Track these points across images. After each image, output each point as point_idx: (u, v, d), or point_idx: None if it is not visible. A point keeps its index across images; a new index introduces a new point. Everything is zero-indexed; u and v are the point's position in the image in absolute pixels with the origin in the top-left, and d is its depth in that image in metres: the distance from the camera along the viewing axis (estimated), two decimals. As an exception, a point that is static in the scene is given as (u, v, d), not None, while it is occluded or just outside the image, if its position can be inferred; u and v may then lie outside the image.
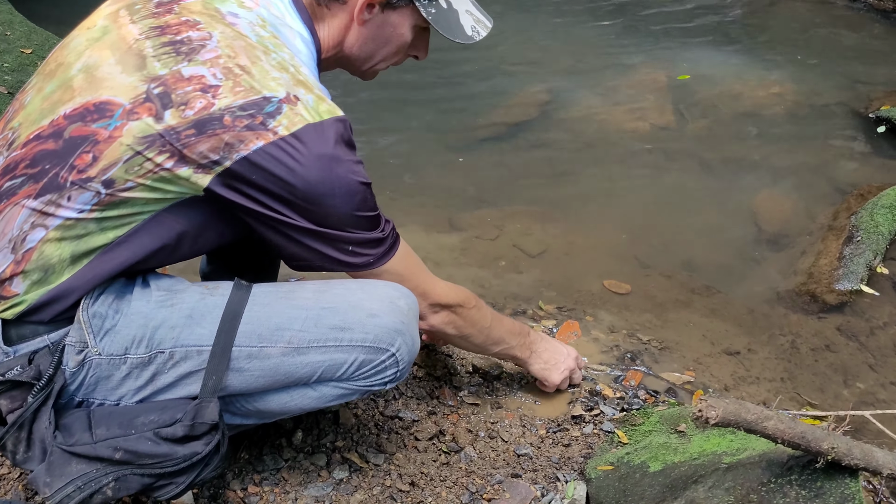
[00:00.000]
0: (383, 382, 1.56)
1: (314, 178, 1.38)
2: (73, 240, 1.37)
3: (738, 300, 2.63)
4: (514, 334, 1.95)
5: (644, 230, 3.01)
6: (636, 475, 1.69)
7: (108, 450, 1.37)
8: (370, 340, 1.50)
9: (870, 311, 2.57)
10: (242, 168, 1.35)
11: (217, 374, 1.44)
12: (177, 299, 1.46)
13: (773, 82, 4.10)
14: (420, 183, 3.28)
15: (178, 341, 1.43)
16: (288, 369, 1.49)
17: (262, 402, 1.56)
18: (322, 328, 1.49)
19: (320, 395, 1.56)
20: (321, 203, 1.40)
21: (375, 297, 1.54)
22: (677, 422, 1.86)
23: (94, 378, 1.42)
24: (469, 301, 1.79)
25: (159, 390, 1.46)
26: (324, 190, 1.39)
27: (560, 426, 2.04)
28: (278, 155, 1.35)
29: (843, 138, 3.61)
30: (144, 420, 1.41)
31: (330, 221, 1.43)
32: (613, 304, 2.58)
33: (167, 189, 1.37)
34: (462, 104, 3.95)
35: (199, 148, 1.33)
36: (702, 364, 2.33)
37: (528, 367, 2.03)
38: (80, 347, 1.39)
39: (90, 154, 1.36)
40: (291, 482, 1.80)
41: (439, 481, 1.85)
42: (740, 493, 1.47)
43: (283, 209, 1.39)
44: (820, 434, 1.38)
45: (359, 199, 1.44)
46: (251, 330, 1.46)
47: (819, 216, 3.05)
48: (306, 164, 1.36)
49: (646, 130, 3.71)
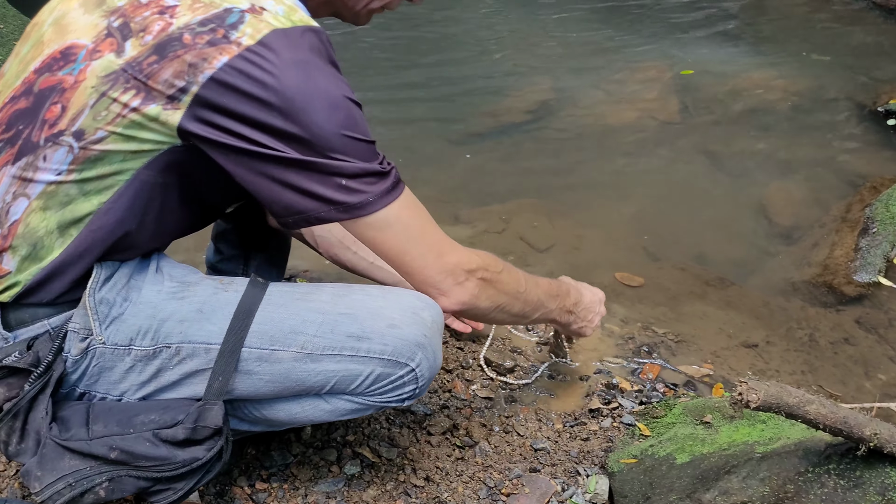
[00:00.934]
0: (401, 399, 1.45)
1: (289, 87, 1.21)
2: (58, 208, 1.28)
3: (753, 292, 2.57)
4: (552, 297, 1.69)
5: (653, 223, 2.95)
6: (662, 467, 1.62)
7: (103, 448, 1.29)
8: (388, 353, 1.39)
9: (888, 303, 2.51)
10: (211, 92, 1.21)
11: (224, 376, 1.35)
12: (189, 292, 1.38)
13: (779, 77, 4.05)
14: (424, 178, 3.21)
15: (185, 336, 1.34)
16: (299, 376, 1.39)
17: (271, 410, 1.47)
18: (338, 335, 1.38)
19: (333, 408, 1.45)
20: (301, 118, 1.23)
21: (397, 306, 1.41)
22: (702, 413, 1.80)
23: (97, 368, 1.33)
24: (495, 263, 1.51)
25: (163, 388, 1.38)
26: (302, 100, 1.22)
27: (577, 420, 1.97)
28: (246, 68, 1.21)
29: (852, 132, 3.56)
30: (144, 419, 1.32)
31: (315, 145, 1.25)
32: (626, 296, 2.52)
33: (142, 137, 1.25)
34: (465, 100, 3.89)
35: (162, 75, 1.21)
36: (720, 357, 2.27)
37: (566, 329, 1.86)
38: (85, 335, 1.31)
39: (58, 104, 1.27)
40: (301, 478, 1.73)
41: (455, 476, 1.77)
42: (776, 483, 1.41)
43: (263, 138, 1.23)
44: (862, 420, 1.31)
45: (343, 114, 1.26)
46: (263, 330, 1.36)
47: (831, 208, 2.99)
48: (278, 74, 1.21)
49: (651, 124, 3.66)
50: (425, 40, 4.48)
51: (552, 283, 1.72)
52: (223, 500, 1.66)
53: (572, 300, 1.77)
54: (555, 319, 1.75)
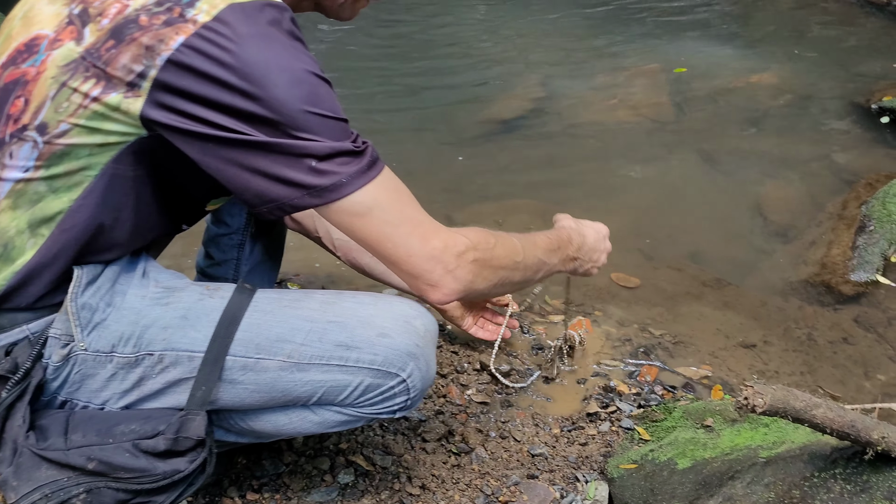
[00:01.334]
0: (391, 411, 1.40)
1: (246, 62, 1.14)
2: (28, 206, 1.23)
3: (750, 292, 2.54)
4: (552, 252, 1.56)
5: (648, 223, 2.92)
6: (664, 473, 1.59)
7: (80, 458, 1.24)
8: (378, 363, 1.34)
9: (886, 301, 2.48)
10: (169, 75, 1.15)
11: (207, 385, 1.30)
12: (173, 298, 1.33)
13: (771, 75, 4.03)
14: (416, 179, 3.11)
15: (168, 344, 1.30)
16: (285, 386, 1.34)
17: (258, 422, 1.42)
18: (326, 344, 1.33)
19: (321, 419, 1.40)
20: (260, 95, 1.15)
21: (389, 315, 1.37)
22: (703, 416, 1.76)
23: (79, 375, 1.29)
24: (486, 239, 1.37)
25: (146, 397, 1.33)
26: (260, 75, 1.14)
27: (575, 424, 1.93)
28: (203, 47, 1.15)
29: (846, 129, 3.55)
30: (125, 429, 1.27)
31: (279, 124, 1.17)
32: (622, 298, 2.48)
33: (106, 129, 1.20)
34: (457, 102, 3.86)
35: (121, 60, 1.16)
36: (718, 358, 2.23)
37: (574, 275, 1.76)
38: (66, 341, 1.26)
39: (21, 98, 1.22)
40: (293, 488, 1.68)
41: (451, 484, 1.73)
42: (781, 488, 1.37)
43: (225, 120, 1.16)
44: (870, 423, 1.28)
45: (306, 89, 1.18)
46: (249, 338, 1.31)
47: (827, 206, 2.97)
48: (235, 50, 1.15)
49: (644, 123, 3.63)
50: (416, 43, 4.44)
51: (550, 236, 1.60)
52: (213, 512, 1.62)
53: (575, 246, 1.66)
54: (559, 272, 1.64)
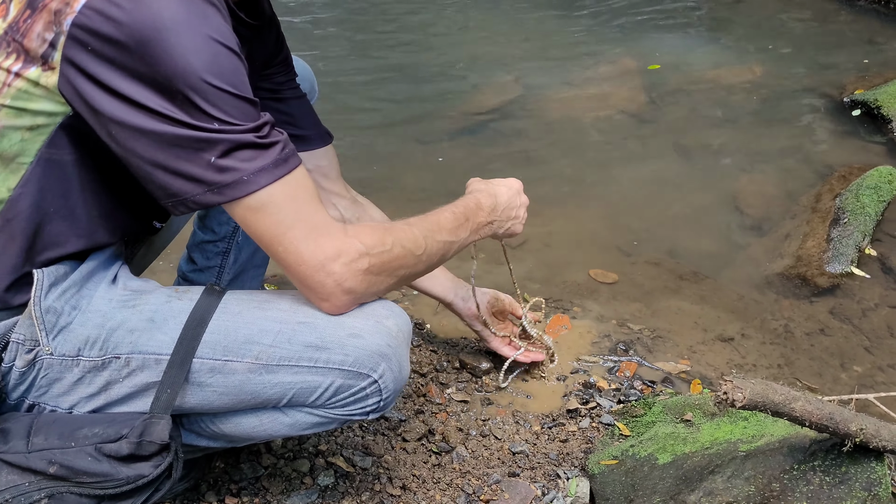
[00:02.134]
0: (364, 412, 1.37)
1: (142, 20, 1.10)
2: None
3: (727, 286, 2.55)
4: (459, 227, 1.50)
5: (624, 218, 2.92)
6: (644, 468, 1.59)
7: (41, 462, 1.21)
8: (349, 363, 1.31)
9: (861, 293, 2.50)
10: (74, 42, 1.12)
11: (172, 388, 1.27)
12: (140, 300, 1.31)
13: (745, 70, 4.05)
14: (391, 177, 3.16)
15: (135, 347, 1.27)
16: (254, 388, 1.32)
17: (229, 425, 1.39)
18: (296, 345, 1.30)
19: (293, 421, 1.38)
20: (153, 56, 1.10)
21: (360, 314, 1.33)
22: (682, 410, 1.77)
23: (45, 379, 1.27)
24: (382, 238, 1.31)
25: (114, 402, 1.30)
26: (154, 34, 1.10)
27: (555, 421, 1.93)
28: (102, 7, 1.11)
29: (819, 122, 3.57)
30: (88, 433, 1.24)
31: (178, 93, 1.12)
32: (601, 293, 2.49)
33: (33, 109, 1.18)
34: (431, 99, 3.84)
35: (35, 30, 1.15)
36: (696, 352, 2.24)
37: (497, 238, 1.72)
38: (31, 346, 1.24)
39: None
40: (273, 491, 1.67)
41: (432, 483, 1.72)
42: (762, 481, 1.38)
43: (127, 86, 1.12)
44: (848, 415, 1.29)
45: (207, 56, 1.12)
46: (216, 340, 1.29)
47: (801, 199, 2.99)
48: (130, 8, 1.10)
49: (619, 119, 3.64)
50: (389, 41, 4.42)
51: (457, 210, 1.53)
52: (191, 518, 1.60)
53: (486, 210, 1.60)
54: (475, 241, 1.60)
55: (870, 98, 3.48)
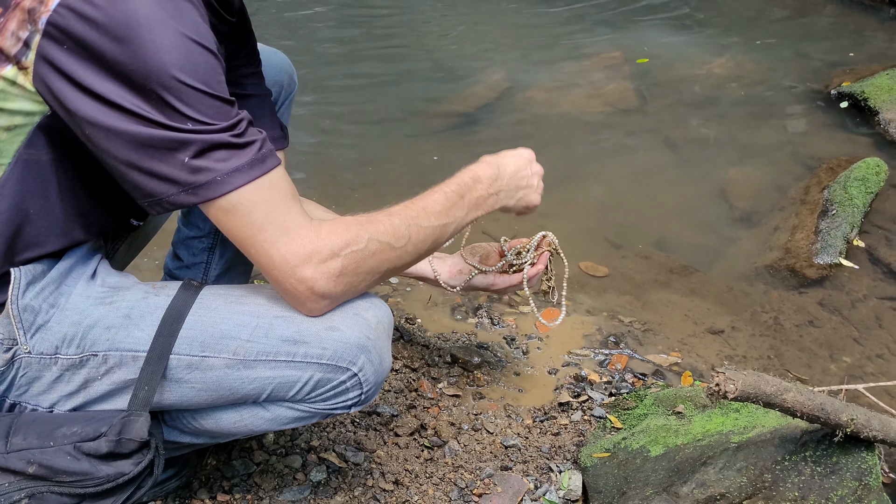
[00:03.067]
0: (346, 406, 1.35)
1: (116, 16, 1.09)
2: None
3: (716, 278, 2.56)
4: (452, 206, 1.41)
5: (614, 211, 2.93)
6: (636, 461, 1.59)
7: (20, 462, 1.20)
8: (327, 357, 1.29)
9: (849, 284, 2.52)
10: (49, 41, 1.12)
11: (150, 385, 1.26)
12: (117, 297, 1.30)
13: (733, 63, 4.06)
14: (380, 173, 3.15)
15: (112, 344, 1.26)
16: (232, 384, 1.30)
17: (210, 421, 1.38)
18: (273, 339, 1.28)
19: (274, 416, 1.36)
20: (130, 52, 1.09)
21: (337, 308, 1.31)
22: (674, 403, 1.77)
23: (25, 378, 1.26)
24: (357, 234, 1.26)
25: (93, 400, 1.29)
26: (128, 29, 1.09)
27: (547, 414, 1.93)
28: (76, 5, 1.10)
29: (806, 115, 3.59)
30: (66, 431, 1.23)
31: (151, 91, 1.11)
32: (591, 286, 2.49)
33: (9, 108, 1.17)
34: (418, 93, 3.83)
35: (8, 28, 1.14)
36: (686, 344, 2.25)
37: (510, 211, 1.63)
38: (9, 345, 1.23)
39: None
40: (265, 487, 1.66)
41: (425, 478, 1.72)
42: (753, 473, 1.38)
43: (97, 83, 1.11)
44: (839, 405, 1.29)
45: (180, 54, 1.11)
46: (193, 336, 1.28)
47: (789, 191, 3.00)
48: (105, 6, 1.10)
49: (608, 113, 3.64)
50: (376, 37, 4.41)
51: (448, 188, 1.43)
52: (183, 515, 1.59)
53: (485, 183, 1.50)
54: (478, 217, 1.50)
55: (857, 90, 3.50)
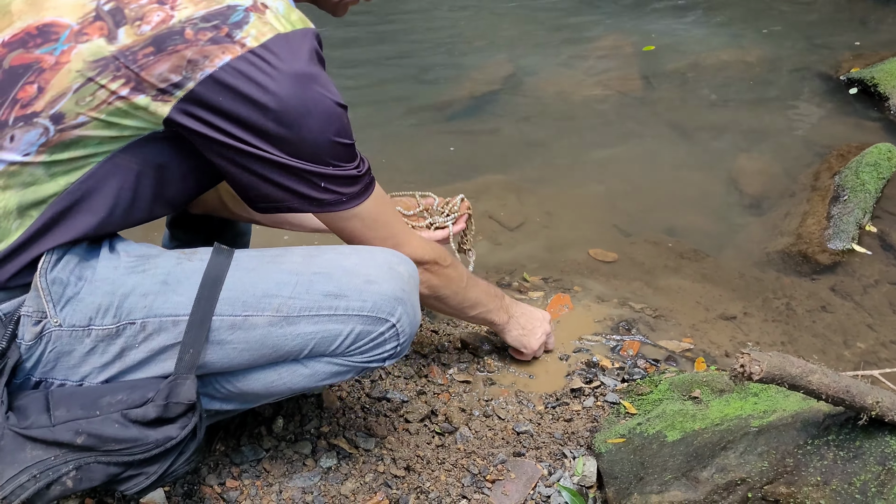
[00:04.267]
0: (382, 358, 1.40)
1: (288, 97, 1.20)
2: (20, 188, 1.19)
3: (728, 264, 2.53)
4: (490, 296, 1.80)
5: (622, 198, 2.90)
6: (653, 446, 1.56)
7: (68, 433, 1.19)
8: (368, 309, 1.34)
9: (861, 270, 2.49)
10: (207, 90, 1.17)
11: (195, 347, 1.26)
12: (150, 265, 1.29)
13: (740, 50, 4.03)
14: (390, 158, 3.12)
15: (150, 310, 1.25)
16: (276, 342, 1.32)
17: (246, 382, 1.38)
18: (314, 295, 1.32)
19: (312, 372, 1.38)
20: (295, 126, 1.22)
21: (372, 262, 1.37)
22: (690, 387, 1.74)
23: (53, 353, 1.23)
24: (445, 258, 1.61)
25: (129, 369, 1.28)
26: (299, 111, 1.21)
27: (559, 400, 1.90)
28: (248, 71, 1.18)
29: (815, 101, 3.55)
30: (111, 400, 1.22)
31: (304, 150, 1.26)
32: (601, 273, 2.46)
33: (124, 124, 1.19)
34: (425, 79, 3.81)
35: (158, 69, 1.16)
36: (699, 330, 2.22)
37: (506, 333, 1.90)
38: (38, 318, 1.21)
39: (34, 85, 1.18)
40: (274, 473, 1.63)
41: (437, 464, 1.69)
42: (775, 457, 1.35)
43: (252, 139, 1.22)
44: (864, 388, 1.26)
45: (336, 123, 1.26)
46: (234, 297, 1.29)
47: (799, 177, 2.97)
48: (279, 80, 1.19)
49: (615, 99, 3.61)
50: (380, 23, 4.37)
51: (491, 286, 1.83)
52: (191, 501, 1.56)
53: (507, 302, 1.88)
54: (493, 320, 1.84)
55: (866, 76, 3.46)
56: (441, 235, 1.92)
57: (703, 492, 1.39)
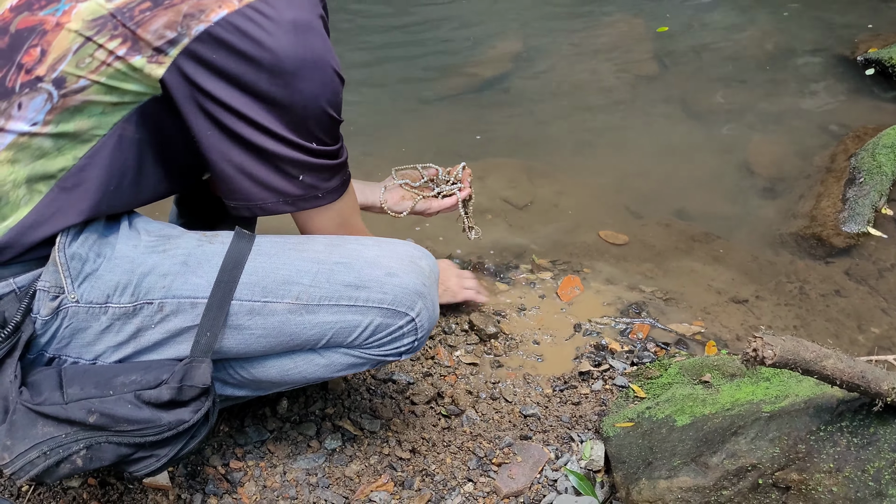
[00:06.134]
0: (398, 353, 1.38)
1: (284, 49, 1.16)
2: (29, 161, 1.17)
3: (740, 247, 2.49)
4: None
5: (634, 179, 2.85)
6: (662, 430, 1.54)
7: (80, 411, 1.17)
8: (388, 302, 1.32)
9: (877, 253, 2.44)
10: (202, 46, 1.14)
11: (212, 331, 1.25)
12: (170, 245, 1.28)
13: (755, 31, 3.95)
14: (395, 139, 3.08)
15: (169, 291, 1.24)
16: (294, 329, 1.30)
17: (261, 369, 1.37)
18: (335, 284, 1.30)
19: (328, 362, 1.37)
20: (289, 81, 1.18)
21: (394, 255, 1.35)
22: (700, 372, 1.71)
23: (69, 330, 1.22)
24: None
25: (143, 349, 1.27)
26: (294, 64, 1.17)
27: (567, 383, 1.88)
28: (244, 25, 1.15)
29: (831, 82, 3.49)
30: (125, 380, 1.21)
31: (293, 114, 1.21)
32: (611, 255, 2.42)
33: (124, 89, 1.16)
34: (434, 59, 3.75)
35: (154, 25, 1.13)
36: (710, 314, 2.18)
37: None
38: (56, 293, 1.20)
39: (38, 48, 1.16)
40: (278, 455, 1.62)
41: (442, 447, 1.68)
42: (787, 443, 1.33)
43: (241, 105, 1.18)
44: (880, 374, 1.23)
45: (331, 89, 1.22)
46: (254, 282, 1.27)
47: (814, 159, 2.92)
48: (276, 34, 1.16)
49: (628, 80, 3.55)
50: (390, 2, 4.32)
51: None
52: (195, 482, 1.55)
53: None
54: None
55: (884, 56, 3.40)
56: (450, 203, 1.90)
57: (713, 478, 1.36)
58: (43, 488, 1.51)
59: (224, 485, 1.55)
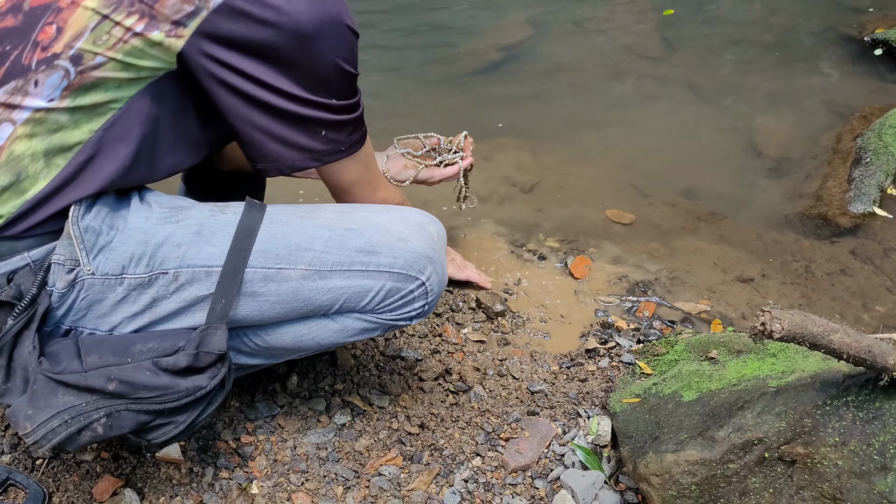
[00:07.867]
0: (410, 317, 1.41)
1: (302, 12, 1.18)
2: (46, 135, 1.18)
3: (746, 226, 2.50)
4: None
5: (640, 159, 2.86)
6: (669, 406, 1.55)
7: (100, 379, 1.19)
8: (399, 266, 1.35)
9: (882, 233, 2.45)
10: (221, 18, 1.15)
11: (227, 298, 1.27)
12: (183, 216, 1.29)
13: (762, 10, 3.94)
14: (404, 119, 3.08)
15: (183, 260, 1.26)
16: (307, 295, 1.33)
17: (275, 336, 1.39)
18: (347, 250, 1.32)
19: (342, 327, 1.39)
20: (308, 46, 1.20)
21: (403, 221, 1.38)
22: (707, 348, 1.73)
23: (85, 301, 1.24)
24: (406, 202, 1.62)
25: (159, 319, 1.28)
26: (314, 26, 1.19)
27: (574, 361, 1.90)
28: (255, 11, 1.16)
29: (838, 62, 3.48)
30: (142, 348, 1.23)
31: (312, 74, 1.23)
32: (617, 234, 2.43)
33: (140, 65, 1.17)
34: (439, 39, 3.75)
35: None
36: (716, 293, 2.19)
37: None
38: (71, 266, 1.21)
39: (53, 25, 1.17)
40: (289, 429, 1.64)
41: (451, 422, 1.69)
42: (793, 417, 1.34)
43: (261, 72, 1.20)
44: (887, 348, 1.24)
45: (347, 46, 1.25)
46: (267, 249, 1.29)
47: (821, 139, 2.91)
48: (288, 11, 1.17)
49: (633, 59, 3.54)
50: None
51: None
52: (207, 456, 1.57)
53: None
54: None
55: (892, 36, 3.38)
56: (453, 171, 1.93)
57: (720, 451, 1.38)
58: (56, 461, 1.53)
59: (235, 459, 1.57)
